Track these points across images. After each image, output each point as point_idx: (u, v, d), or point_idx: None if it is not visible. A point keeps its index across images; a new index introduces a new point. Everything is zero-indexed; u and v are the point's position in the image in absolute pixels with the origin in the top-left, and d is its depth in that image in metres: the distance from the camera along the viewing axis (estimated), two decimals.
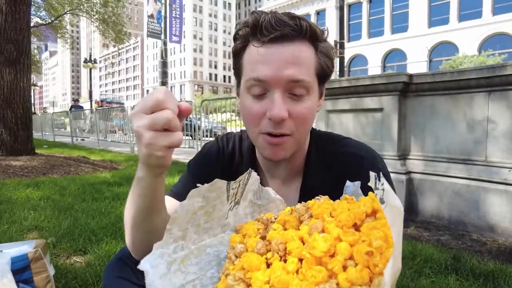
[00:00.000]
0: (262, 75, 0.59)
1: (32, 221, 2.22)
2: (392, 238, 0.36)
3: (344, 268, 0.37)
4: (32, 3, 10.37)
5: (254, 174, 0.54)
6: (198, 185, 0.47)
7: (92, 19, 14.94)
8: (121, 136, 8.73)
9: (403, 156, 2.77)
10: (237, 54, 0.65)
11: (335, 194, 0.54)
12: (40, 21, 15.66)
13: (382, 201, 0.39)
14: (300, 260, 0.40)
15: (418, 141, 2.73)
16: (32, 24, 10.65)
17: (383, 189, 0.39)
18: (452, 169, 2.50)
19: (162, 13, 13.38)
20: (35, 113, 17.63)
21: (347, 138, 0.74)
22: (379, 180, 0.41)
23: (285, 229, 0.47)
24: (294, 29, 0.58)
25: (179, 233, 0.46)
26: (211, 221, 0.50)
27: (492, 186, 2.26)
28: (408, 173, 2.68)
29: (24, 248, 1.30)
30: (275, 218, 0.51)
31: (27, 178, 3.80)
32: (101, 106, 11.01)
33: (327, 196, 0.51)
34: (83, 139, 10.63)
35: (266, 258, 0.43)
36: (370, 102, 2.85)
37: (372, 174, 0.42)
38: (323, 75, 0.64)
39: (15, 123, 4.80)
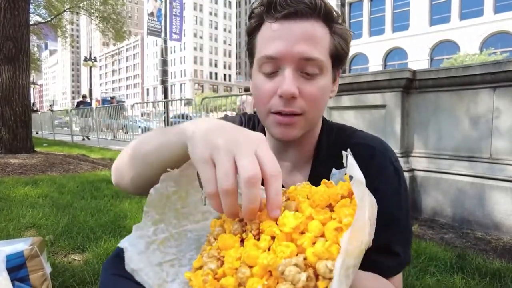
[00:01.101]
0: (274, 51, 0.58)
1: (30, 218, 2.19)
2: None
3: (314, 245, 0.37)
4: (32, 1, 10.33)
5: None
6: (168, 170, 0.46)
7: (92, 17, 14.89)
8: (122, 135, 8.70)
9: (406, 153, 2.73)
10: (251, 33, 0.64)
11: None
12: (39, 19, 15.61)
13: (351, 178, 0.39)
14: (273, 238, 0.40)
15: (422, 138, 2.69)
16: (31, 23, 10.60)
17: (350, 165, 0.39)
18: (456, 166, 2.46)
19: (162, 11, 13.34)
20: (38, 110, 17.49)
21: (359, 130, 0.72)
22: (347, 157, 0.40)
23: None
24: (309, 7, 0.57)
25: (157, 217, 0.46)
26: (187, 206, 0.50)
27: (497, 184, 2.23)
28: (411, 170, 2.64)
29: (20, 245, 1.27)
30: None
31: (25, 176, 3.77)
32: (111, 103, 10.72)
33: (308, 182, 0.51)
34: (83, 139, 10.23)
35: (242, 238, 0.43)
36: (372, 98, 2.81)
37: (344, 153, 0.41)
38: (337, 57, 0.62)
39: (14, 121, 4.77)
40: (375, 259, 0.54)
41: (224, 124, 0.44)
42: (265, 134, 0.74)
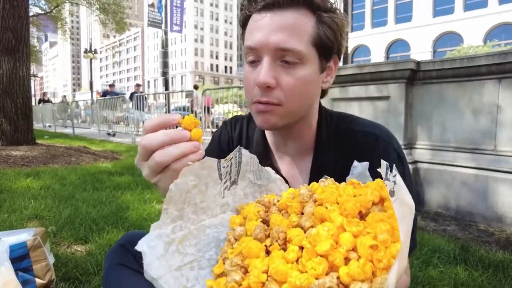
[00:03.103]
0: (253, 42, 0.59)
1: (33, 210, 2.19)
2: (398, 231, 0.35)
3: (346, 260, 0.36)
4: None
5: (245, 152, 0.53)
6: (189, 163, 0.46)
7: (92, 8, 14.73)
8: (122, 127, 8.69)
9: (409, 145, 2.71)
10: (244, 26, 0.65)
11: (347, 174, 0.52)
12: (39, 11, 15.45)
13: (392, 194, 0.37)
14: (301, 247, 0.39)
15: (425, 130, 2.67)
16: (31, 14, 10.48)
17: (394, 182, 0.37)
18: (459, 159, 2.44)
19: (163, 2, 13.18)
20: (50, 101, 17.23)
21: (360, 117, 0.71)
22: (391, 171, 0.38)
23: (287, 213, 0.46)
24: None
25: (176, 213, 0.45)
26: (206, 200, 0.49)
27: (501, 176, 2.21)
28: (414, 162, 2.63)
29: (23, 236, 1.27)
30: (278, 201, 0.50)
31: (27, 168, 3.77)
32: (135, 92, 9.38)
33: (332, 179, 0.50)
34: (113, 134, 8.89)
35: (266, 246, 0.42)
36: (376, 90, 2.78)
37: (383, 163, 0.39)
38: (322, 47, 0.60)
39: (15, 113, 4.75)
40: None
41: None
42: (264, 131, 0.74)
